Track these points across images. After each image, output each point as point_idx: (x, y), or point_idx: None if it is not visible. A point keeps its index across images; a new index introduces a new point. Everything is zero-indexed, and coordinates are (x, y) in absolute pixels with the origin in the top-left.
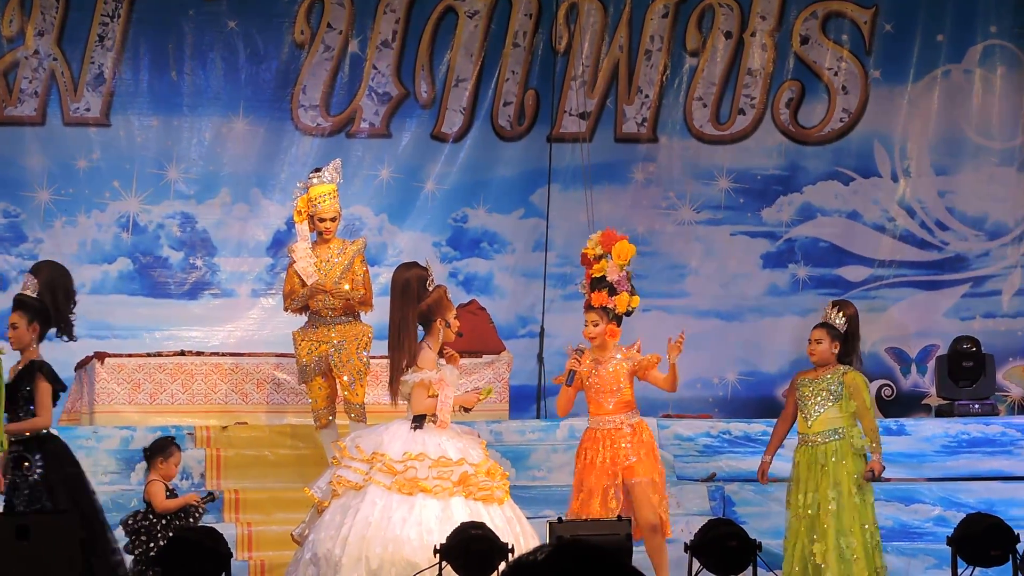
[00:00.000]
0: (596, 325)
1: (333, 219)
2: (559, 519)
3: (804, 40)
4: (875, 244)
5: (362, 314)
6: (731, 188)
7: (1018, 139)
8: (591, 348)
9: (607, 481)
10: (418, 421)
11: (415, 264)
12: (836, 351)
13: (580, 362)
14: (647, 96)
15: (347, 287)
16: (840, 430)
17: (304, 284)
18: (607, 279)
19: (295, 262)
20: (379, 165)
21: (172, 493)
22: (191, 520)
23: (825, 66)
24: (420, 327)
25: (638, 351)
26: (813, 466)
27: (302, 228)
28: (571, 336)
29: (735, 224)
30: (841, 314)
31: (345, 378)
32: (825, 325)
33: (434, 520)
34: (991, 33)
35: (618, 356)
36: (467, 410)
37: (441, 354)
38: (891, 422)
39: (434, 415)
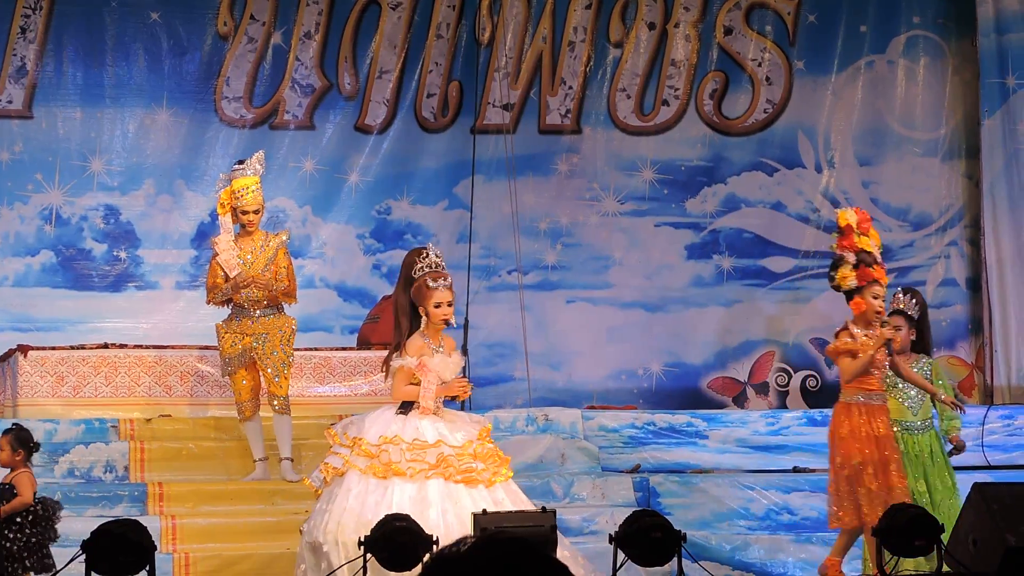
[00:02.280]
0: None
1: (256, 211)
2: (483, 511)
3: (728, 31)
4: (799, 235)
5: (286, 306)
6: (655, 179)
7: (941, 130)
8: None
9: (893, 453)
10: (404, 407)
11: (418, 249)
12: (913, 338)
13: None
14: (571, 87)
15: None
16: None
17: (227, 277)
18: (873, 255)
19: (218, 255)
20: (303, 157)
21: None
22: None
23: (749, 57)
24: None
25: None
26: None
27: (225, 220)
28: (496, 327)
29: (659, 215)
30: (914, 301)
31: (269, 371)
32: (902, 313)
33: (407, 502)
34: (914, 24)
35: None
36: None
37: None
38: (816, 413)
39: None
